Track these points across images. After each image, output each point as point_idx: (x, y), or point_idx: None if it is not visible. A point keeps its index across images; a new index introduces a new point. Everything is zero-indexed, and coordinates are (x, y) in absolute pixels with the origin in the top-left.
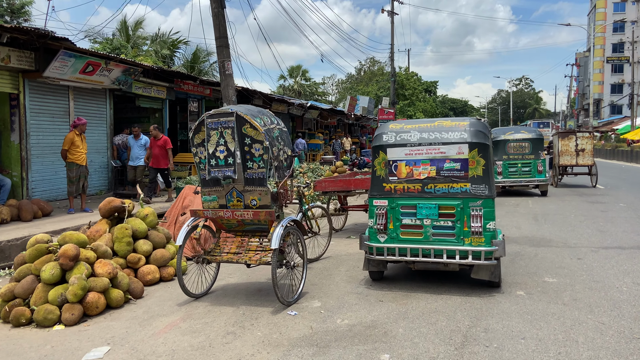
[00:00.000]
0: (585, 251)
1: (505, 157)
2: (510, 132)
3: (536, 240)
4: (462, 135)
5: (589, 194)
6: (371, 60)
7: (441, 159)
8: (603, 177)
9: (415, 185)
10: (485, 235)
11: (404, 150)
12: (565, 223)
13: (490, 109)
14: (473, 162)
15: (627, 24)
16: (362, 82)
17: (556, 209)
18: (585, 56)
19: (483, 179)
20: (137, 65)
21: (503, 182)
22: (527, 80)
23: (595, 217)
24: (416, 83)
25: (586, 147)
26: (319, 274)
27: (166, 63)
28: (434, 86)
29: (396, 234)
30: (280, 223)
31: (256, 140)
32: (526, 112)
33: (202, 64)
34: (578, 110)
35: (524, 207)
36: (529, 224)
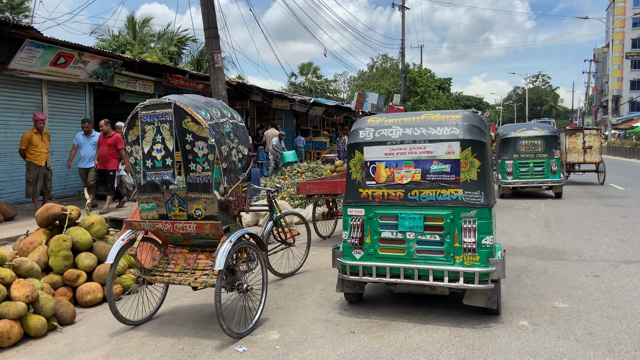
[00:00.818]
0: (603, 266)
1: (516, 156)
2: (522, 129)
3: (547, 251)
4: (453, 131)
5: (607, 196)
6: (383, 57)
7: (427, 159)
8: (622, 177)
9: (396, 192)
10: (480, 253)
11: (383, 149)
12: (581, 230)
13: (505, 107)
14: (466, 164)
15: None
16: (374, 79)
17: (571, 214)
18: (603, 52)
19: (478, 184)
20: (116, 57)
21: (514, 183)
22: (544, 76)
23: (614, 223)
24: (429, 80)
25: (593, 145)
26: (289, 294)
27: (173, 60)
28: (447, 83)
29: (374, 249)
30: (229, 238)
31: (199, 136)
32: (542, 109)
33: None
34: (596, 107)
35: (535, 211)
36: (539, 231)
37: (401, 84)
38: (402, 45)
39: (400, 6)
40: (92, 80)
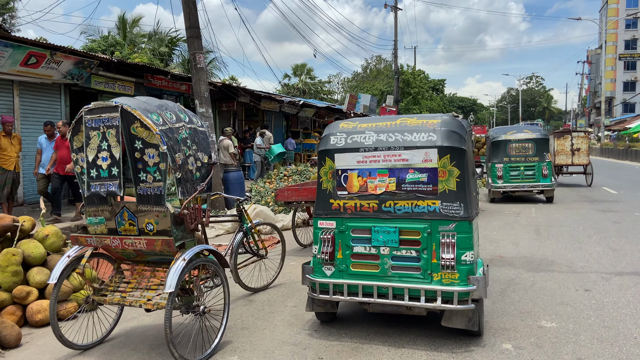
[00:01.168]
0: (594, 279)
1: (507, 159)
2: (512, 132)
3: (536, 261)
4: (430, 137)
5: (600, 201)
6: (377, 58)
7: (403, 168)
8: (615, 180)
9: (370, 203)
10: (459, 270)
11: (356, 156)
12: (572, 238)
13: (499, 108)
14: (444, 173)
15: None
16: (367, 80)
17: (562, 220)
18: (597, 53)
19: (457, 195)
20: (91, 57)
21: (504, 187)
22: (537, 78)
23: (606, 230)
24: (423, 81)
25: (581, 147)
26: (258, 312)
27: (164, 61)
28: (441, 84)
29: (346, 265)
30: (182, 256)
31: (150, 143)
32: (536, 110)
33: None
34: (589, 109)
35: (525, 216)
36: (529, 239)
37: (394, 85)
38: (394, 46)
39: (392, 7)
40: (67, 81)
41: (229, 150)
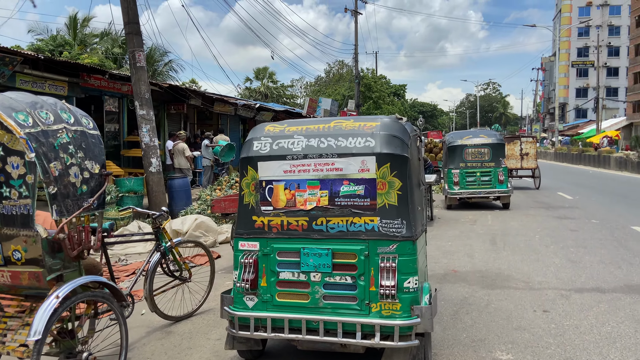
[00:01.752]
0: (552, 297)
1: (463, 164)
2: (468, 137)
3: (491, 276)
4: (368, 142)
5: (556, 207)
6: (340, 63)
7: (337, 179)
8: (570, 185)
9: (299, 220)
10: (401, 300)
11: (282, 165)
12: (529, 248)
13: (459, 113)
14: (383, 185)
15: (592, 29)
16: (330, 85)
17: (518, 227)
18: (550, 61)
19: (398, 211)
20: (13, 52)
21: (460, 194)
22: (494, 84)
23: (564, 239)
24: (384, 86)
25: (530, 151)
26: (174, 347)
27: (117, 62)
28: (402, 89)
29: (271, 295)
30: (55, 292)
31: (12, 150)
32: (494, 116)
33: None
34: (544, 114)
35: (481, 224)
36: (484, 250)
37: (355, 90)
38: (355, 50)
39: (353, 11)
40: None
41: (185, 154)
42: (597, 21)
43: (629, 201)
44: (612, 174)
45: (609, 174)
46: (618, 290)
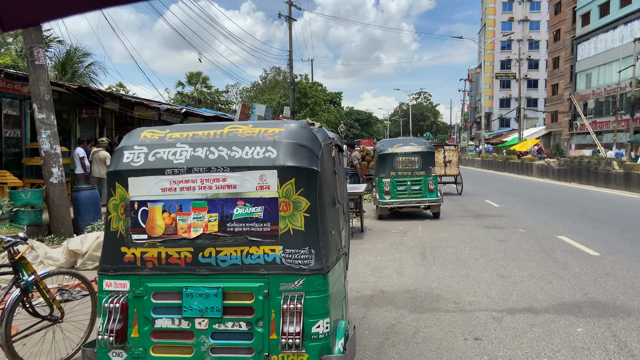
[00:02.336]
0: (484, 320)
1: (394, 173)
2: (399, 145)
3: (420, 297)
4: (269, 153)
5: (484, 215)
6: (276, 70)
7: (230, 198)
8: (496, 192)
9: (181, 251)
10: (309, 349)
11: (160, 181)
12: (458, 262)
13: (393, 121)
14: (287, 205)
15: (514, 43)
16: (266, 91)
17: (448, 239)
18: (476, 72)
19: (306, 238)
20: None
21: (391, 203)
22: (425, 94)
23: (493, 250)
24: (320, 93)
25: (452, 159)
26: None
27: None
28: (338, 97)
29: (144, 349)
30: None
31: None
32: (425, 124)
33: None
34: (471, 123)
35: (412, 235)
36: (414, 265)
37: (290, 96)
38: (289, 56)
39: (287, 17)
40: None
41: (107, 163)
42: (519, 35)
43: (553, 209)
44: (534, 181)
45: (532, 181)
46: (551, 310)
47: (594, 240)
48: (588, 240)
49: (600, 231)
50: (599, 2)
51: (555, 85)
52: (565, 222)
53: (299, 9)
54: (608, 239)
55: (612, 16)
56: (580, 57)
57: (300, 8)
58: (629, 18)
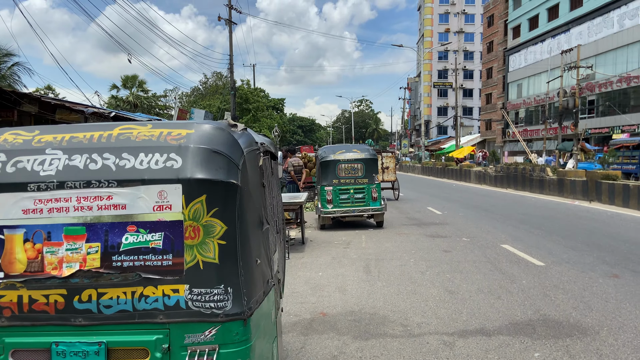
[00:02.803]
0: (435, 346)
1: (336, 181)
2: (341, 152)
3: (365, 319)
4: (171, 161)
5: (427, 223)
6: (218, 75)
7: (116, 222)
8: (439, 200)
9: (50, 295)
10: None
11: (20, 200)
12: (404, 276)
13: (335, 128)
14: (196, 231)
15: (450, 53)
16: (207, 96)
17: (393, 250)
18: (415, 81)
19: (221, 273)
20: None
21: (334, 213)
22: (367, 101)
23: (439, 262)
24: (263, 99)
25: (390, 165)
26: None
27: None
28: (281, 103)
29: None
30: None
31: None
32: (367, 131)
33: None
34: (411, 131)
35: (355, 247)
36: (358, 281)
37: (230, 101)
38: (230, 60)
39: (227, 20)
40: None
41: None
42: (455, 46)
43: (493, 215)
44: (473, 187)
45: (471, 187)
46: (504, 331)
47: (537, 249)
48: (531, 249)
49: (542, 239)
50: (529, 15)
51: (489, 95)
52: (507, 229)
53: (240, 12)
54: (551, 248)
55: (540, 29)
56: (512, 68)
57: (240, 12)
58: (556, 31)
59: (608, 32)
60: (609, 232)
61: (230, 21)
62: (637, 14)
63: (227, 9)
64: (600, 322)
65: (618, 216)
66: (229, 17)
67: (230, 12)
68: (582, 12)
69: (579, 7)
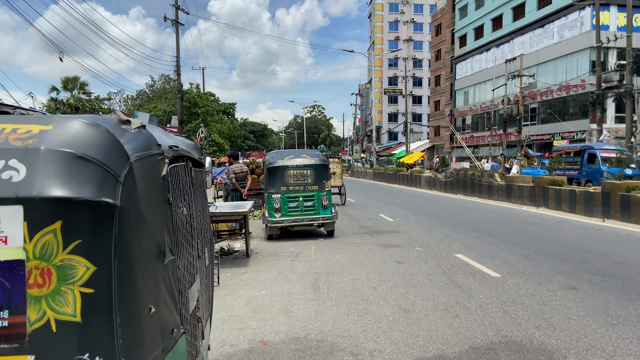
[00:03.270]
0: None
1: (284, 188)
2: (290, 157)
3: (311, 348)
4: (9, 171)
5: (379, 232)
6: (166, 78)
7: None
8: (391, 206)
9: None
10: None
11: None
12: (356, 293)
13: (288, 133)
14: (45, 276)
15: (400, 60)
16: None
17: (344, 262)
18: (366, 87)
19: (85, 335)
20: None
21: (282, 222)
22: (319, 107)
23: (392, 275)
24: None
25: (336, 171)
26: None
27: None
28: (232, 108)
29: None
30: None
31: None
32: (319, 137)
33: None
34: (362, 136)
35: (304, 259)
36: (305, 300)
37: (177, 104)
38: (177, 62)
39: (173, 21)
40: None
41: None
42: (404, 54)
43: (445, 222)
44: (423, 193)
45: (421, 193)
46: (464, 357)
47: (491, 259)
48: (486, 259)
49: (495, 247)
50: (474, 25)
51: (437, 102)
52: (459, 237)
53: (187, 13)
54: (505, 257)
55: (485, 39)
56: (459, 76)
57: (188, 12)
58: (500, 41)
59: (549, 42)
60: (560, 238)
61: (177, 22)
62: (575, 25)
63: (174, 10)
64: (566, 343)
65: (566, 222)
66: (175, 18)
67: (177, 12)
68: (524, 23)
69: (521, 18)
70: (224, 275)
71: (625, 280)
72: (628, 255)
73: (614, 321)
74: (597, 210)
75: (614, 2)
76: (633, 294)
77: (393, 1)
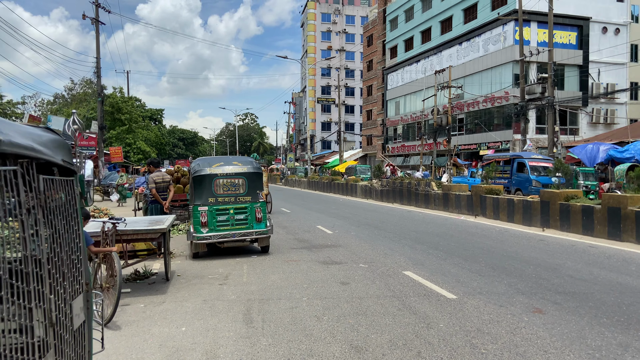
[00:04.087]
0: None
1: (213, 199)
2: (219, 164)
3: None
4: None
5: (318, 246)
6: (87, 82)
7: None
8: (328, 217)
9: None
10: None
11: None
12: (297, 326)
13: (219, 142)
14: None
15: (333, 70)
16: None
17: (281, 284)
18: (300, 96)
19: None
20: None
21: (209, 238)
22: (251, 115)
23: (337, 300)
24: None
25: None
26: None
27: None
28: (159, 114)
29: None
30: None
31: None
32: (252, 145)
33: None
34: (296, 145)
35: (234, 282)
36: (235, 338)
37: (98, 108)
38: (97, 63)
39: (93, 19)
40: None
41: None
42: (337, 63)
43: (386, 234)
44: (360, 202)
45: (358, 202)
46: None
47: (442, 276)
48: (437, 277)
49: (444, 262)
50: (405, 37)
51: (369, 111)
52: (404, 250)
53: (109, 11)
54: (456, 274)
55: (415, 51)
56: (390, 86)
57: (109, 11)
58: (429, 53)
59: (475, 55)
60: (506, 250)
61: (97, 20)
62: (499, 39)
63: (94, 7)
64: None
65: (507, 232)
66: (95, 16)
67: (97, 10)
68: (452, 37)
69: (448, 31)
70: (135, 307)
71: (590, 300)
72: (581, 269)
73: (597, 354)
74: (536, 219)
75: (534, 18)
76: (604, 317)
77: (325, 11)
